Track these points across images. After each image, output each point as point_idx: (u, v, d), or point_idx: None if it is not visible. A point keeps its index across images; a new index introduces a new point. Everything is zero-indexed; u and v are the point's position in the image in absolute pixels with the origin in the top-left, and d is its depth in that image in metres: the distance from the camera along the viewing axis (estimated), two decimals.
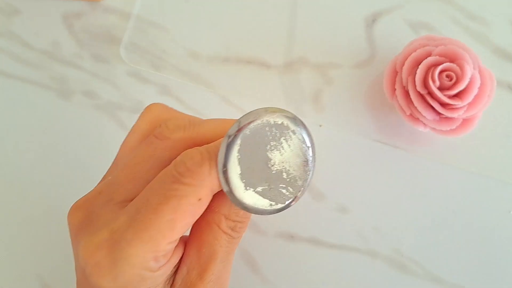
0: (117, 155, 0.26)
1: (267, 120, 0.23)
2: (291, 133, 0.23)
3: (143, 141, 0.25)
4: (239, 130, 0.22)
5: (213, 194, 0.23)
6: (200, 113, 0.37)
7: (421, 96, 0.33)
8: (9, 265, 0.36)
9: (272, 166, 0.23)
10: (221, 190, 0.23)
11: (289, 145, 0.23)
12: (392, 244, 0.35)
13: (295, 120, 0.23)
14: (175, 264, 0.24)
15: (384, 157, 0.36)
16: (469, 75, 0.32)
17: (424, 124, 0.34)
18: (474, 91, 0.33)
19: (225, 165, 0.22)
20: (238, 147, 0.22)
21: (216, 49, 0.38)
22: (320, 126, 0.37)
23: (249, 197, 0.23)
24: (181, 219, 0.21)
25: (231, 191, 0.22)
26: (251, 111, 0.23)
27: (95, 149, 0.37)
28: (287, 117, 0.23)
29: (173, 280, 0.24)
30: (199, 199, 0.22)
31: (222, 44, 0.38)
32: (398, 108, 0.34)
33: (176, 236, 0.22)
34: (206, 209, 0.23)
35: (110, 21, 0.39)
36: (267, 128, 0.23)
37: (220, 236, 0.24)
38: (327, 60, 0.38)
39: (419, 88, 0.33)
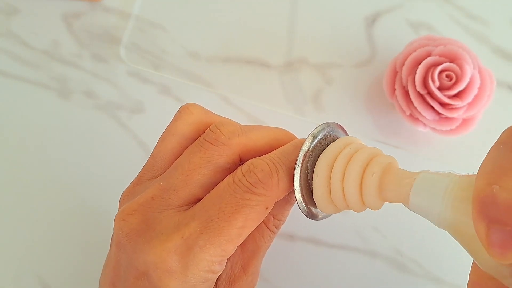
0: (154, 155, 0.27)
1: (319, 139, 0.24)
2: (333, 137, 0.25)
3: (195, 146, 0.25)
4: (305, 156, 0.23)
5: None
6: None
7: (421, 96, 0.33)
8: (9, 265, 0.36)
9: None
10: None
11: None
12: (392, 244, 0.35)
13: (329, 125, 0.25)
14: None
15: None
16: (469, 75, 0.32)
17: (424, 124, 0.34)
18: (474, 91, 0.33)
19: (301, 192, 0.24)
20: (307, 171, 0.24)
21: (216, 49, 0.38)
22: None
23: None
24: (250, 226, 0.23)
25: (308, 211, 0.24)
26: (312, 133, 0.24)
27: (94, 149, 0.37)
28: (330, 127, 0.25)
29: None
30: (266, 208, 0.23)
31: (222, 44, 0.38)
32: (398, 108, 0.34)
33: (242, 240, 0.23)
34: None
35: (110, 21, 0.39)
36: (320, 144, 0.24)
37: (266, 233, 0.26)
38: (327, 60, 0.38)
39: (419, 88, 0.33)
